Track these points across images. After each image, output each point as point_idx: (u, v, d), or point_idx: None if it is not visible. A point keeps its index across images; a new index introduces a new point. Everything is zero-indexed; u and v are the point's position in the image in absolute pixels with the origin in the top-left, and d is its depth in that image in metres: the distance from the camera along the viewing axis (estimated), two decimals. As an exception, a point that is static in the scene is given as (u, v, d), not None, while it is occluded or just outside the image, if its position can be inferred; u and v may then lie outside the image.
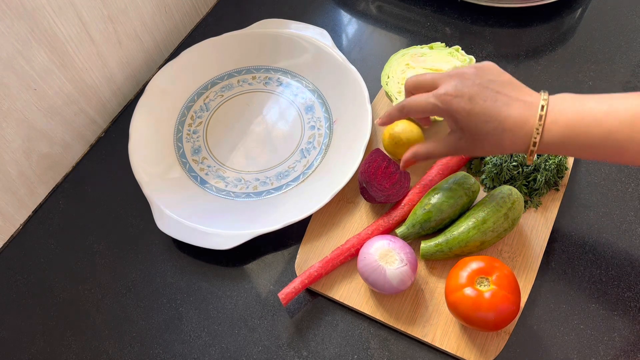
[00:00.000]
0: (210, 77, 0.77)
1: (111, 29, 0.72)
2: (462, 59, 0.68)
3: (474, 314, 0.51)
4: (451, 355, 0.55)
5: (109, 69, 0.74)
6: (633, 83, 0.72)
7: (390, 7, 0.84)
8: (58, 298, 0.63)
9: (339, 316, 0.59)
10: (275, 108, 0.75)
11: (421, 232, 0.60)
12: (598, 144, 0.47)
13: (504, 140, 0.50)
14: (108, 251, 0.66)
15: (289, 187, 0.67)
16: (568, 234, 0.61)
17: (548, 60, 0.75)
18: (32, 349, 0.60)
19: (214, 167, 0.70)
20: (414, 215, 0.60)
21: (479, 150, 0.52)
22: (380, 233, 0.61)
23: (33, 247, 0.67)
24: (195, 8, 0.86)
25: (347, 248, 0.60)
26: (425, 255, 0.59)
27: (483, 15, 0.81)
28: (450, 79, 0.52)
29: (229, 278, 0.63)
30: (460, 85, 0.51)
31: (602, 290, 0.58)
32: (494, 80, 0.51)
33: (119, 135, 0.74)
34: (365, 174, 0.61)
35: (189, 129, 0.73)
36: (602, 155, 0.48)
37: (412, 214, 0.60)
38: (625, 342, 0.55)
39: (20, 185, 0.67)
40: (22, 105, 0.64)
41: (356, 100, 0.70)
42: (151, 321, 0.61)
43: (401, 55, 0.71)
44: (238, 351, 0.58)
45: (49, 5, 0.62)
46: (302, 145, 0.71)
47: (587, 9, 0.80)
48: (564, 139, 0.48)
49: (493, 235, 0.57)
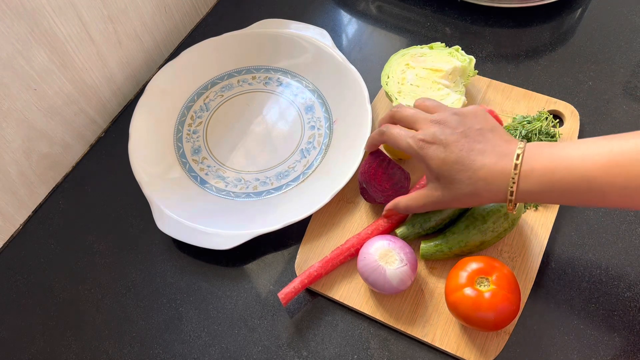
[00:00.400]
0: (210, 77, 0.77)
1: (111, 29, 0.72)
2: (461, 59, 0.68)
3: (474, 314, 0.51)
4: (451, 355, 0.55)
5: (109, 69, 0.74)
6: (633, 83, 0.72)
7: (390, 7, 0.84)
8: (58, 298, 0.63)
9: (339, 316, 0.59)
10: (275, 108, 0.75)
11: (421, 232, 0.60)
12: (577, 190, 0.46)
13: (479, 190, 0.50)
14: (108, 251, 0.66)
15: (289, 187, 0.67)
16: (568, 234, 0.61)
17: (548, 60, 0.75)
18: (32, 349, 0.60)
19: (214, 167, 0.70)
20: (414, 215, 0.60)
21: (456, 201, 0.52)
22: (380, 233, 0.61)
23: (33, 247, 0.67)
24: (195, 8, 0.86)
25: (347, 248, 0.60)
26: (425, 255, 0.59)
27: (483, 15, 0.81)
28: (431, 125, 0.52)
29: (229, 278, 0.63)
30: (439, 132, 0.51)
31: (602, 290, 0.58)
32: (475, 128, 0.51)
33: (119, 135, 0.74)
34: (365, 175, 0.61)
35: (189, 129, 0.73)
36: (585, 200, 0.47)
37: (412, 214, 0.60)
38: (625, 342, 0.55)
39: (20, 185, 0.67)
40: (22, 105, 0.64)
41: (356, 100, 0.70)
42: (151, 321, 0.61)
43: (401, 56, 0.71)
44: (238, 351, 0.58)
45: (49, 5, 0.62)
46: (302, 145, 0.71)
47: (587, 9, 0.80)
48: (542, 187, 0.47)
49: (493, 235, 0.57)
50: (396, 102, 0.67)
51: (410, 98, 0.67)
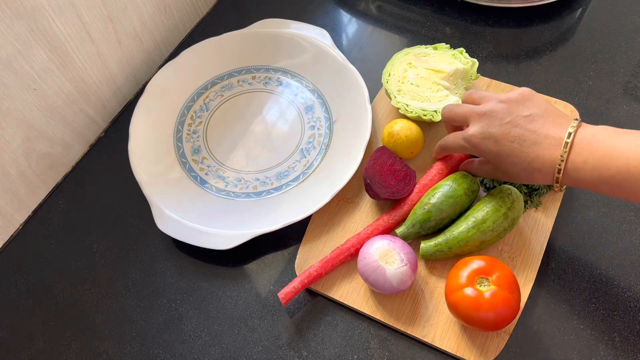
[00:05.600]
0: (210, 77, 0.77)
1: (111, 29, 0.72)
2: (464, 62, 0.68)
3: (474, 314, 0.51)
4: (451, 355, 0.55)
5: (109, 69, 0.74)
6: (633, 83, 0.72)
7: (390, 7, 0.84)
8: (58, 298, 0.63)
9: (339, 316, 0.59)
10: (275, 108, 0.75)
11: (421, 231, 0.60)
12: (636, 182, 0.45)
13: (534, 178, 0.51)
14: (108, 251, 0.66)
15: (289, 187, 0.67)
16: (568, 234, 0.61)
17: (548, 60, 0.75)
18: (32, 349, 0.60)
19: (213, 167, 0.70)
20: (413, 214, 0.60)
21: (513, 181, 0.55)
22: (380, 232, 0.61)
23: (33, 247, 0.67)
24: (195, 8, 0.86)
25: (347, 248, 0.60)
26: (424, 255, 0.59)
27: (483, 15, 0.81)
28: (479, 119, 0.52)
29: (229, 278, 0.63)
30: (487, 126, 0.51)
31: (602, 290, 0.58)
32: (523, 115, 0.50)
33: (119, 135, 0.74)
34: (369, 171, 0.62)
35: (189, 129, 0.73)
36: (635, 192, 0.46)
37: (412, 214, 0.60)
38: (625, 342, 0.55)
39: (20, 185, 0.67)
40: (22, 105, 0.64)
41: (356, 100, 0.70)
42: (151, 321, 0.61)
43: (404, 54, 0.71)
44: (238, 351, 0.58)
45: (49, 5, 0.62)
46: (302, 145, 0.71)
47: (587, 9, 0.80)
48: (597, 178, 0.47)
49: (493, 235, 0.57)
50: (395, 101, 0.67)
51: (410, 97, 0.67)
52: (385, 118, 0.71)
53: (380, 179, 0.61)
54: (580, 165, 0.47)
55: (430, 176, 0.64)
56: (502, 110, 0.51)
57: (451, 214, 0.59)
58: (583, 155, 0.47)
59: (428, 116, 0.65)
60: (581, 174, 0.47)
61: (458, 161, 0.64)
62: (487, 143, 0.51)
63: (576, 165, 0.47)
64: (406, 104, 0.67)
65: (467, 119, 0.54)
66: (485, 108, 0.52)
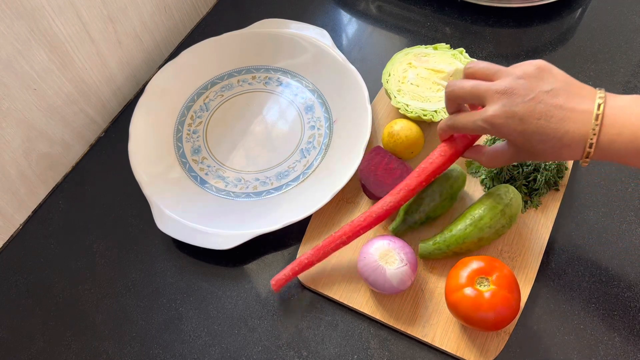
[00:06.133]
0: (210, 77, 0.77)
1: (111, 29, 0.72)
2: (464, 62, 0.68)
3: (474, 314, 0.51)
4: (451, 355, 0.55)
5: (108, 69, 0.74)
6: (633, 83, 0.72)
7: (390, 7, 0.84)
8: (58, 298, 0.63)
9: (339, 316, 0.59)
10: (275, 108, 0.75)
11: (411, 224, 0.60)
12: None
13: (563, 155, 0.48)
14: (108, 251, 0.66)
15: (289, 187, 0.67)
16: (568, 234, 0.61)
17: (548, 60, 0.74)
18: (32, 349, 0.60)
19: (213, 167, 0.70)
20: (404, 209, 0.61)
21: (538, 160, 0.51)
22: (373, 220, 0.58)
23: (33, 247, 0.67)
24: (195, 8, 0.86)
25: (339, 235, 0.58)
26: (423, 255, 0.59)
27: (483, 15, 0.81)
28: (499, 97, 0.48)
29: (229, 278, 0.63)
30: (509, 104, 0.47)
31: (602, 290, 0.58)
32: (545, 90, 0.47)
33: (119, 135, 0.74)
34: (365, 171, 0.62)
35: (189, 129, 0.73)
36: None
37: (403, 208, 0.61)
38: (625, 342, 0.55)
39: (20, 185, 0.67)
40: (22, 105, 0.64)
41: (356, 100, 0.70)
42: (151, 321, 0.61)
43: (404, 54, 0.71)
44: (238, 351, 0.58)
45: (49, 5, 0.62)
46: (302, 145, 0.71)
47: (587, 9, 0.80)
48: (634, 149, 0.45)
49: (490, 232, 0.57)
50: (395, 101, 0.67)
51: (410, 97, 0.67)
52: (385, 118, 0.71)
53: (376, 178, 0.62)
54: (615, 137, 0.44)
55: (432, 159, 0.58)
56: (522, 87, 0.47)
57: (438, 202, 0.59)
58: (616, 127, 0.44)
59: (428, 116, 0.65)
60: (615, 146, 0.45)
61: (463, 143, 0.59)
62: (511, 123, 0.47)
63: (610, 137, 0.45)
64: (406, 104, 0.67)
65: (482, 98, 0.49)
66: (503, 85, 0.48)
